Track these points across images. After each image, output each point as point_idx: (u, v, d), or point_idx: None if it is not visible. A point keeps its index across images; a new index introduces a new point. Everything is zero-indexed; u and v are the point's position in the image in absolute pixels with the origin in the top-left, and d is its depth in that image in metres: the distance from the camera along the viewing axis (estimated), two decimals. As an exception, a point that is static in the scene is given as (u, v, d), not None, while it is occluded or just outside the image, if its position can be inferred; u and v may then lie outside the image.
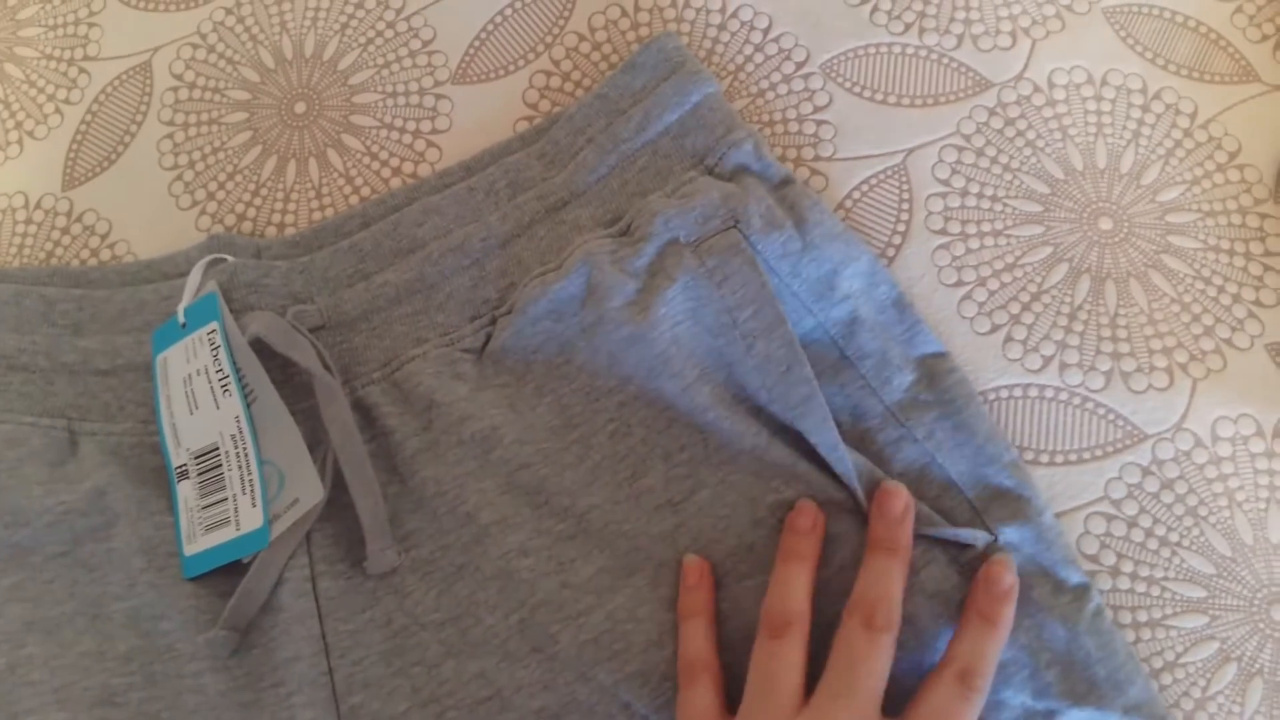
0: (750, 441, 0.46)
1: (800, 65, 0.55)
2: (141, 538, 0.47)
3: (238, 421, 0.47)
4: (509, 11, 0.58)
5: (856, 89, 0.54)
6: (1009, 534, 0.45)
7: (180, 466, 0.48)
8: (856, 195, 0.52)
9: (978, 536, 0.44)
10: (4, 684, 0.45)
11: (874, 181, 0.53)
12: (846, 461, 0.45)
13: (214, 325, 0.48)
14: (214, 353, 0.48)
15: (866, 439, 0.46)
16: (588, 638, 0.45)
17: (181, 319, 0.49)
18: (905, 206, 0.52)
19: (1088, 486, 0.47)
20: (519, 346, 0.48)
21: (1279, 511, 0.47)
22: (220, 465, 0.47)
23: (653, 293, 0.48)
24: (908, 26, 0.55)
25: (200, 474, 0.47)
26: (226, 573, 0.46)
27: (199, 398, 0.48)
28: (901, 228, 0.52)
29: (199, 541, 0.47)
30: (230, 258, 0.51)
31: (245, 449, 0.47)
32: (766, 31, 0.56)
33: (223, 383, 0.47)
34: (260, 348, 0.48)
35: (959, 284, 0.51)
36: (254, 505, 0.46)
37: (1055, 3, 0.55)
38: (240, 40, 0.59)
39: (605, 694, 0.44)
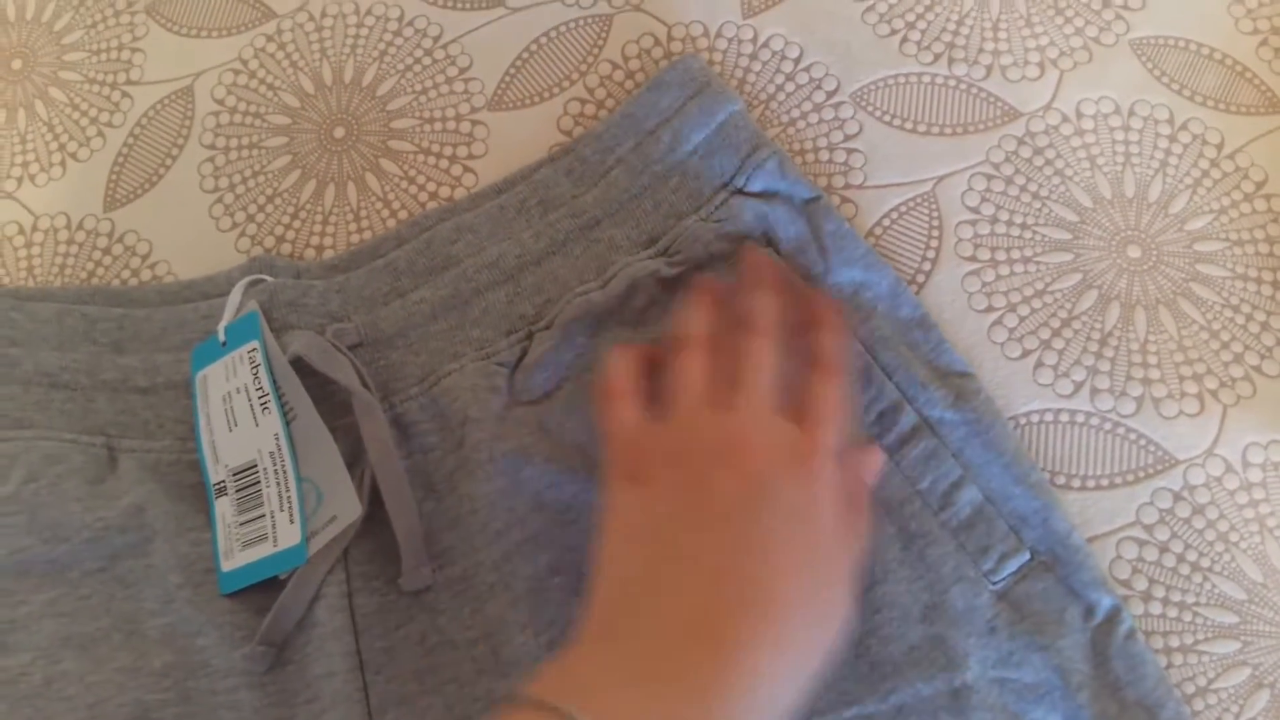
0: None
1: (831, 94, 0.56)
2: (179, 554, 0.47)
3: (277, 439, 0.48)
4: (544, 40, 0.59)
5: (886, 118, 0.55)
6: (1042, 554, 0.45)
7: (219, 483, 0.48)
8: (886, 223, 0.53)
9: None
10: (40, 699, 0.45)
11: (904, 209, 0.53)
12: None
13: (254, 344, 0.49)
14: (254, 371, 0.48)
15: (898, 450, 0.47)
16: (619, 657, 0.45)
17: (222, 337, 0.50)
18: (935, 233, 0.53)
19: (1119, 511, 0.48)
20: (556, 361, 0.49)
21: (1310, 538, 0.47)
22: (259, 482, 0.48)
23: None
24: (937, 57, 0.56)
25: (238, 491, 0.48)
26: (263, 589, 0.47)
27: (238, 415, 0.48)
28: (931, 254, 0.52)
29: (236, 558, 0.47)
30: (269, 278, 0.52)
31: (284, 466, 0.47)
32: (797, 61, 0.57)
33: (262, 400, 0.48)
34: (300, 366, 0.49)
35: (989, 310, 0.51)
36: (292, 522, 0.47)
37: (1083, 34, 0.56)
38: (281, 66, 0.60)
39: (637, 713, 0.44)
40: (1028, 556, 0.45)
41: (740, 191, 0.51)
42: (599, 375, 0.46)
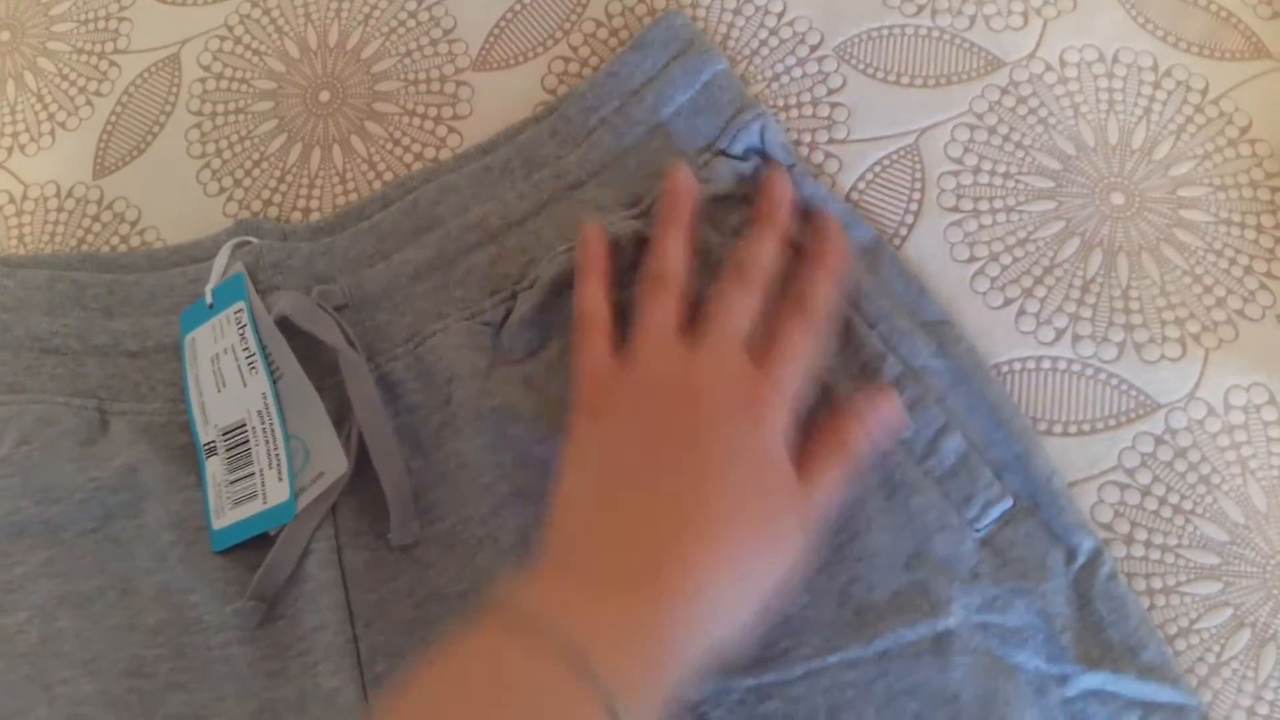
0: None
1: (814, 49, 0.56)
2: (171, 513, 0.48)
3: (264, 398, 0.48)
4: None
5: (870, 71, 0.55)
6: (1024, 500, 0.45)
7: (208, 443, 0.49)
8: (870, 176, 0.53)
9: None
10: (37, 656, 0.46)
11: (887, 162, 0.53)
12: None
13: (241, 305, 0.49)
14: (241, 332, 0.49)
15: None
16: (603, 607, 0.45)
17: (209, 299, 0.50)
18: (918, 185, 0.53)
19: (1101, 456, 0.48)
20: (540, 320, 0.49)
21: (1292, 479, 0.47)
22: (247, 441, 0.48)
23: None
24: (920, 8, 0.56)
25: (228, 450, 0.48)
26: (254, 546, 0.47)
27: (226, 376, 0.49)
28: (914, 206, 0.52)
29: (227, 515, 0.48)
30: (256, 240, 0.52)
31: (272, 425, 0.48)
32: (781, 16, 0.57)
33: (249, 361, 0.49)
34: (286, 326, 0.49)
35: (971, 259, 0.51)
36: (280, 479, 0.47)
37: (1066, -17, 0.56)
38: (266, 32, 0.60)
39: (623, 661, 0.45)
40: (1010, 503, 0.46)
41: (723, 153, 0.51)
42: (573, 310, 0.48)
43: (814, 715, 0.43)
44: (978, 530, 0.45)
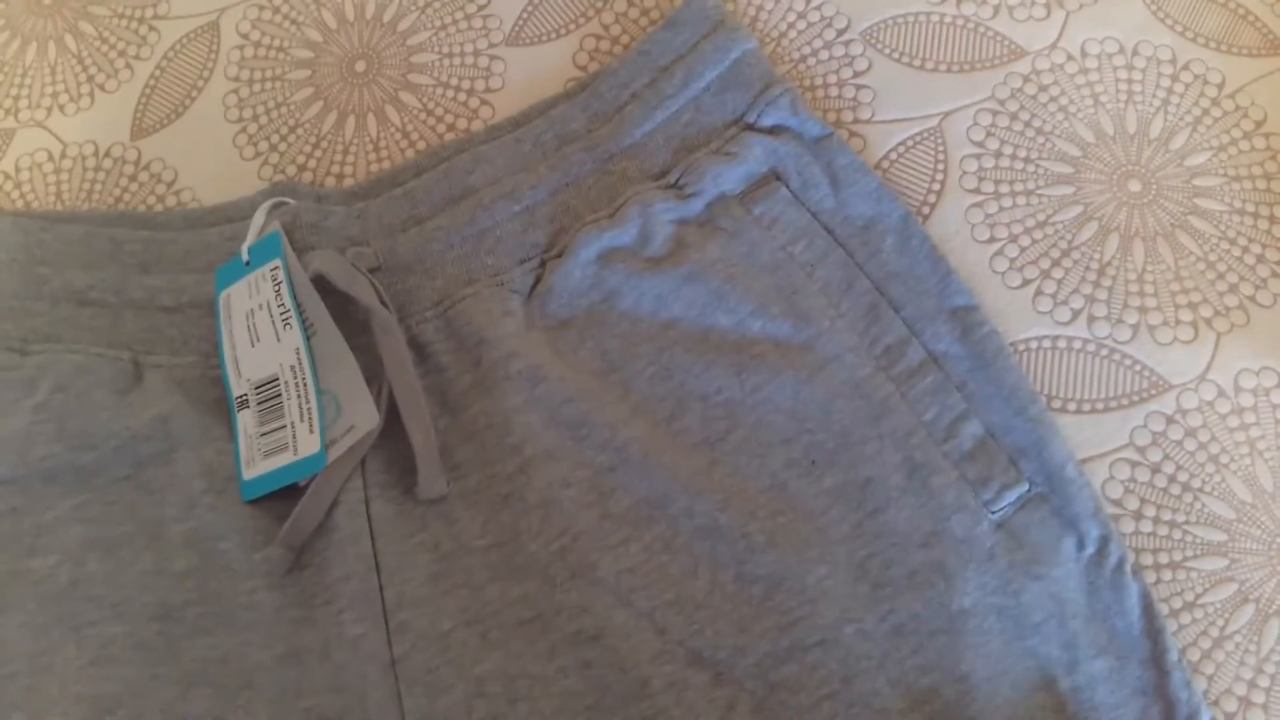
0: (792, 376, 0.48)
1: (841, 32, 0.57)
2: (203, 463, 0.49)
3: (297, 353, 0.49)
4: (561, -22, 0.60)
5: (895, 55, 0.56)
6: (1040, 488, 0.47)
7: (241, 396, 0.50)
8: (894, 156, 0.54)
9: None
10: (66, 599, 0.47)
11: (911, 143, 0.55)
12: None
13: (277, 262, 0.50)
14: (276, 288, 0.50)
15: (905, 383, 0.48)
16: (625, 566, 0.46)
17: (245, 257, 0.51)
18: (940, 167, 0.54)
19: (1114, 434, 0.49)
20: (567, 289, 0.50)
21: (1299, 461, 0.48)
22: (280, 395, 0.49)
23: (707, 238, 0.50)
24: (946, -4, 0.57)
25: (260, 403, 0.50)
26: (283, 496, 0.48)
27: (260, 331, 0.50)
28: (937, 186, 0.54)
29: (258, 466, 0.49)
30: (292, 201, 0.53)
31: (304, 379, 0.49)
32: (809, 0, 0.58)
33: (284, 316, 0.50)
34: (320, 286, 0.50)
35: (991, 240, 0.52)
36: (311, 431, 0.48)
37: (1089, -24, 0.57)
38: (304, 3, 0.61)
39: (642, 618, 0.46)
40: (1026, 487, 0.47)
41: (751, 127, 0.53)
42: None
43: (829, 681, 0.45)
44: (994, 513, 0.46)
